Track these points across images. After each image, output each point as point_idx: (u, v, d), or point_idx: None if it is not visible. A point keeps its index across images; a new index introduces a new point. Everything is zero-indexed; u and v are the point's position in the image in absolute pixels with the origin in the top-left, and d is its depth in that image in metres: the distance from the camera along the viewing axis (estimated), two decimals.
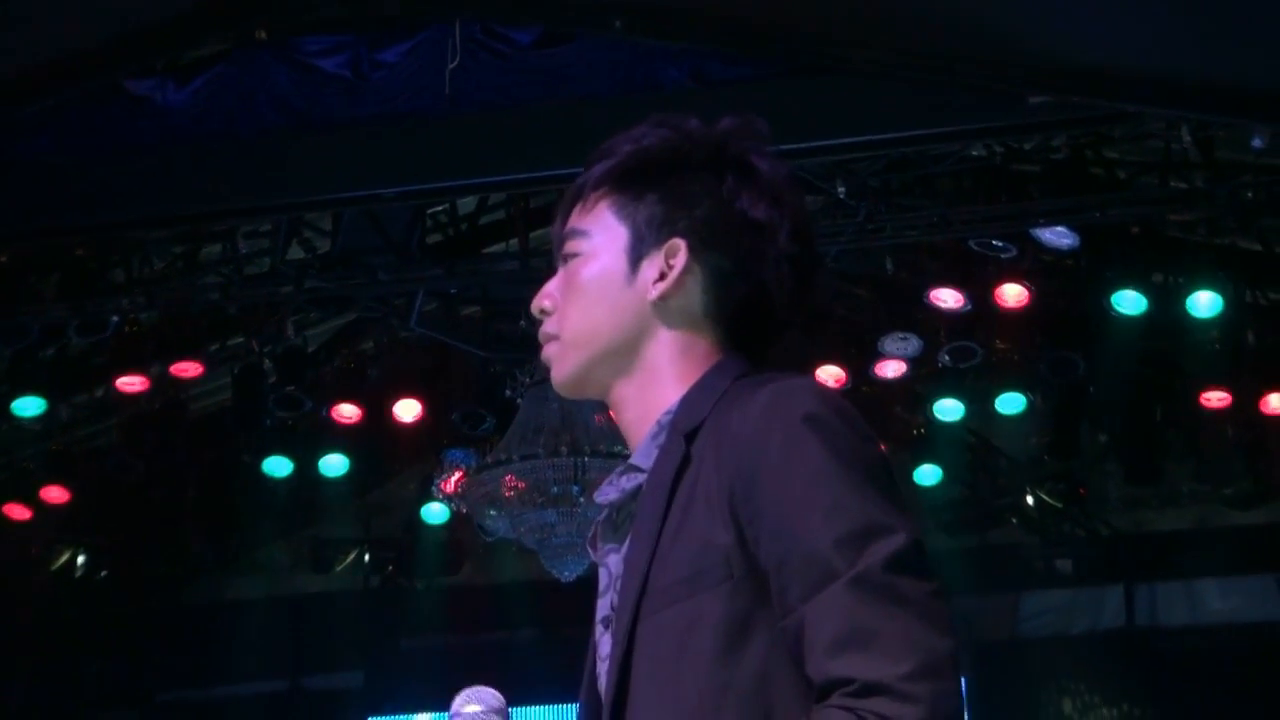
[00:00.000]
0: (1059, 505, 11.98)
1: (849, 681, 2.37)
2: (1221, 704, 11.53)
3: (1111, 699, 12.20)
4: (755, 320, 2.79)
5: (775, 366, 2.77)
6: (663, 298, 2.74)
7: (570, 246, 2.83)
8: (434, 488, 10.44)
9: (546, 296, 2.84)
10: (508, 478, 9.86)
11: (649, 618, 2.56)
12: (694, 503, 2.57)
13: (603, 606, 2.74)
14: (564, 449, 9.76)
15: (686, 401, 2.70)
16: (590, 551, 2.82)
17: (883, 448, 2.60)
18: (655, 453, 2.69)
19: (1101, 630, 12.31)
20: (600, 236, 2.79)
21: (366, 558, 12.82)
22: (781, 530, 2.47)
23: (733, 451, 2.54)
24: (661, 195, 2.77)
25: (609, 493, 2.77)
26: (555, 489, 9.74)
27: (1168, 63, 7.53)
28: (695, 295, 2.75)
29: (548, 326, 2.83)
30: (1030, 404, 10.85)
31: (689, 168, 2.79)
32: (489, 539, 10.69)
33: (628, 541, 2.68)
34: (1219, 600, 12.19)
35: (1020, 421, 11.16)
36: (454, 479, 10.16)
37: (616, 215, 2.79)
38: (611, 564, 2.74)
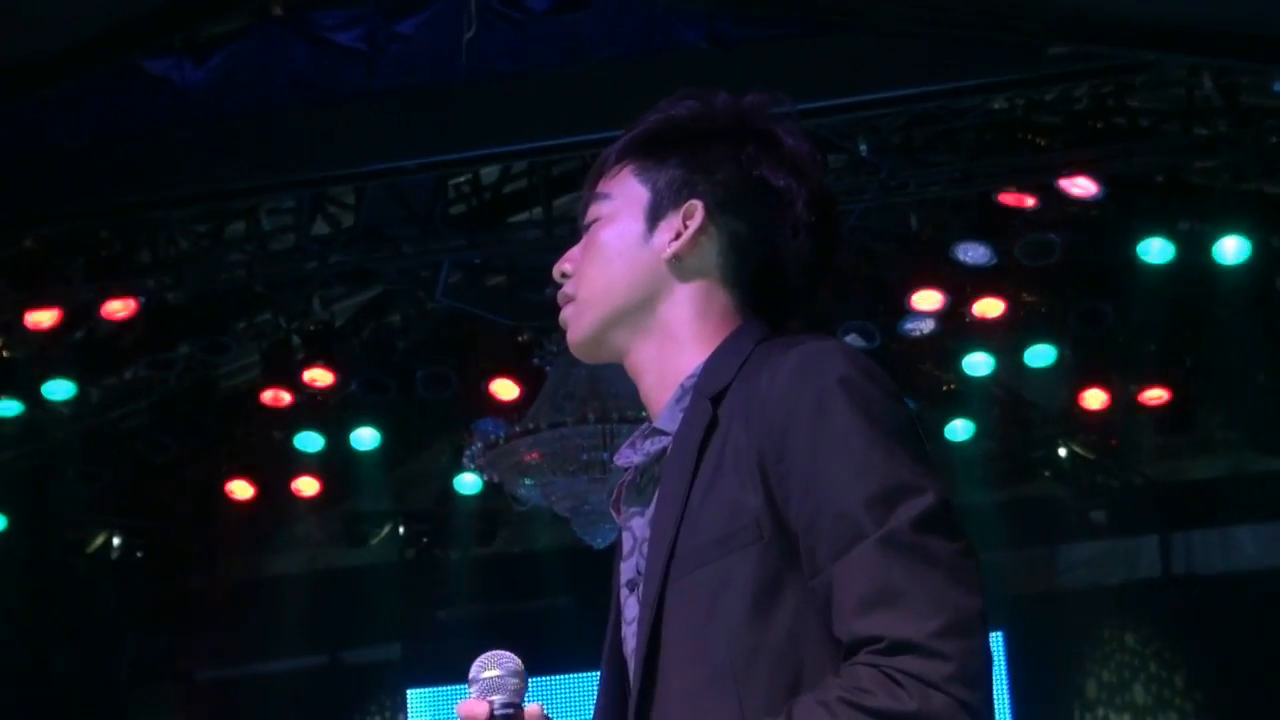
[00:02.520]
0: (1092, 457, 11.96)
1: (877, 639, 2.38)
2: (1261, 650, 11.51)
3: (1150, 649, 12.20)
4: (772, 287, 2.81)
5: (795, 330, 2.78)
6: (677, 256, 2.77)
7: (593, 211, 2.86)
8: (465, 458, 10.44)
9: (568, 260, 2.88)
10: (537, 447, 9.87)
11: (678, 580, 2.57)
12: (722, 465, 2.58)
13: (627, 570, 2.75)
14: (592, 416, 9.76)
15: (710, 365, 2.71)
16: (613, 514, 2.83)
17: (910, 406, 2.61)
18: (680, 416, 2.70)
19: (1138, 580, 12.31)
20: (621, 199, 2.83)
21: (401, 530, 12.84)
22: (811, 491, 2.48)
23: (762, 414, 2.55)
24: (682, 160, 2.80)
25: (631, 456, 2.78)
26: (585, 456, 9.75)
27: (1186, 9, 7.49)
28: (711, 257, 2.77)
29: (567, 289, 2.86)
30: (1060, 356, 10.83)
31: (712, 136, 2.81)
32: (521, 508, 10.71)
33: (653, 504, 2.69)
34: (1255, 546, 12.16)
35: (1050, 374, 11.13)
36: (481, 450, 10.16)
37: (638, 179, 2.83)
38: (636, 527, 2.75)
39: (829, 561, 2.45)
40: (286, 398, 10.94)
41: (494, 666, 2.71)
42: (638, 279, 2.78)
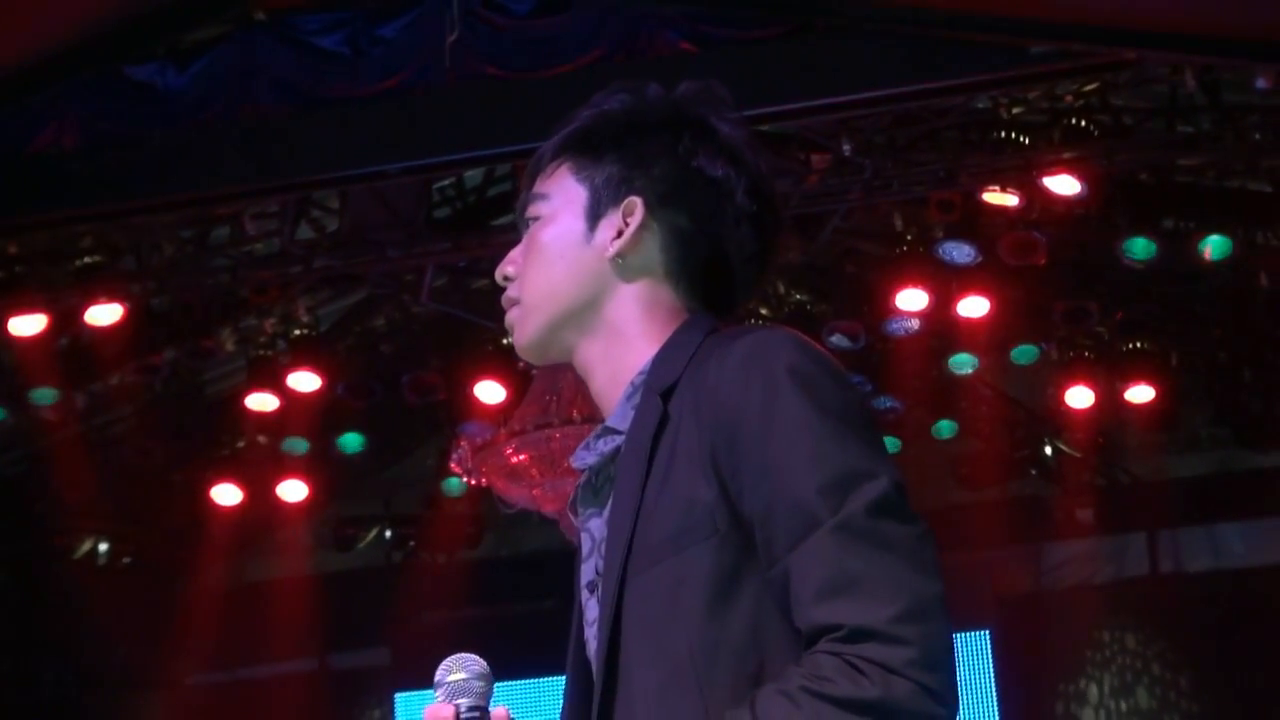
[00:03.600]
0: (1078, 455, 11.96)
1: (837, 628, 2.38)
2: (1248, 649, 11.53)
3: (1137, 647, 12.20)
4: (717, 278, 2.80)
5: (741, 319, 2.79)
6: (620, 255, 2.76)
7: (531, 211, 2.86)
8: (451, 461, 10.44)
9: (510, 263, 2.87)
10: (523, 449, 9.88)
11: (636, 577, 2.57)
12: (675, 460, 2.57)
13: (587, 571, 2.76)
14: (579, 417, 9.76)
15: (659, 360, 2.71)
16: (571, 517, 2.84)
17: (860, 389, 2.61)
18: (631, 414, 2.70)
19: (1125, 578, 12.31)
20: (559, 199, 2.82)
21: (388, 534, 12.83)
22: (764, 482, 2.48)
23: (712, 406, 2.54)
24: (619, 156, 2.79)
25: (586, 457, 2.78)
26: (571, 458, 9.73)
27: (1167, 7, 7.51)
28: (654, 253, 2.77)
29: (510, 291, 2.85)
30: (1045, 354, 10.84)
31: (647, 129, 2.81)
32: (508, 511, 10.70)
33: (609, 504, 2.69)
34: (1242, 544, 12.18)
35: (1035, 372, 11.15)
36: (468, 454, 10.16)
37: (575, 177, 2.82)
38: (594, 528, 2.75)
39: (785, 551, 2.44)
40: (272, 402, 10.93)
41: (459, 669, 2.72)
42: (581, 280, 2.77)
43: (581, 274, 2.77)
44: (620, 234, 2.76)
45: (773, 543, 2.46)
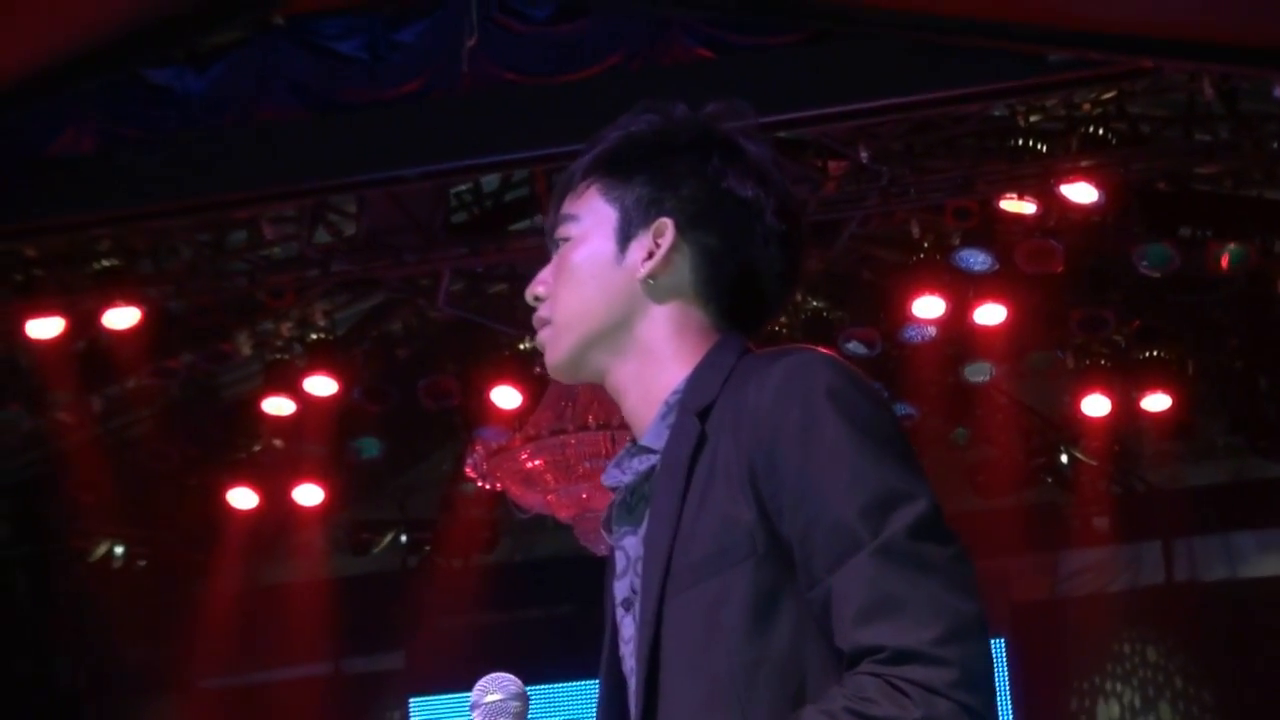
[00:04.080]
0: (1094, 463, 11.95)
1: (879, 649, 2.40)
2: (1264, 659, 11.51)
3: (1152, 656, 12.18)
4: (746, 297, 2.81)
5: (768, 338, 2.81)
6: (652, 276, 2.77)
7: (561, 232, 2.87)
8: (467, 466, 10.45)
9: (540, 283, 2.88)
10: (539, 454, 9.88)
11: (675, 597, 2.58)
12: (713, 480, 2.59)
13: (621, 589, 2.76)
14: (594, 423, 9.76)
15: (694, 380, 2.73)
16: (604, 535, 2.84)
17: (899, 412, 2.63)
18: (666, 433, 2.71)
19: (1141, 587, 12.29)
20: (589, 220, 2.83)
21: (403, 539, 12.84)
22: (804, 503, 2.50)
23: (751, 427, 2.56)
24: (649, 177, 2.81)
25: (620, 475, 2.79)
26: (587, 463, 9.75)
27: (1185, 16, 7.49)
28: (685, 273, 2.78)
29: (541, 312, 2.86)
30: (1060, 361, 10.83)
31: (676, 150, 2.82)
32: (523, 516, 10.71)
33: (645, 522, 2.70)
34: (1258, 553, 12.15)
35: (1051, 380, 11.14)
36: (483, 458, 10.17)
37: (605, 198, 2.83)
38: (629, 546, 2.76)
39: (826, 573, 2.47)
40: (289, 406, 10.95)
41: (495, 690, 2.72)
42: (613, 300, 2.79)
43: (613, 295, 2.78)
44: (651, 255, 2.77)
45: (812, 564, 2.49)
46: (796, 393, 2.55)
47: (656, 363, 2.77)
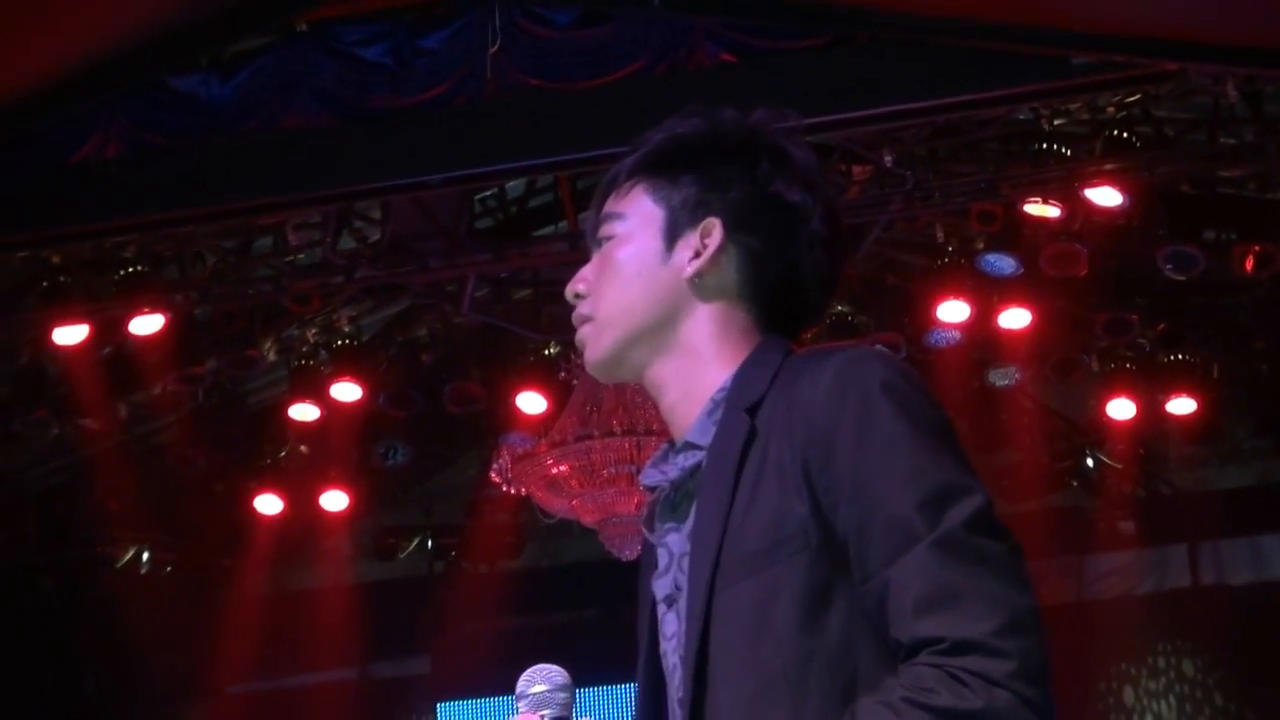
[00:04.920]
0: (1119, 466, 11.94)
1: (939, 640, 2.41)
2: None
3: (1179, 659, 12.16)
4: (789, 300, 2.82)
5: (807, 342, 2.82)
6: (698, 275, 2.78)
7: (606, 230, 2.87)
8: (493, 472, 10.46)
9: (581, 280, 2.88)
10: (564, 460, 9.89)
11: (724, 591, 2.58)
12: (764, 475, 2.60)
13: (663, 586, 2.75)
14: (619, 428, 9.77)
15: (741, 378, 2.73)
16: (646, 532, 2.83)
17: (944, 408, 2.64)
18: (712, 429, 2.71)
19: (1167, 590, 12.28)
20: (636, 219, 2.84)
21: (429, 544, 12.87)
22: (860, 496, 2.51)
23: (805, 422, 2.57)
24: (696, 178, 2.81)
25: (660, 475, 2.79)
26: (612, 468, 9.76)
27: (1209, 19, 7.48)
28: (730, 274, 2.79)
29: (582, 309, 2.86)
30: (1085, 365, 10.82)
31: (723, 153, 2.82)
32: (549, 521, 10.72)
33: (691, 518, 2.70)
34: None
35: (1077, 384, 11.13)
36: (508, 464, 10.18)
37: (652, 198, 2.84)
38: (672, 543, 2.75)
39: (882, 566, 2.47)
40: (314, 412, 10.97)
41: (541, 681, 2.71)
42: (658, 298, 2.79)
43: (658, 293, 2.79)
44: (698, 254, 2.78)
45: (868, 557, 2.50)
46: (851, 388, 2.56)
47: (699, 361, 2.78)
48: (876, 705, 2.42)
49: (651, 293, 2.80)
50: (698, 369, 2.77)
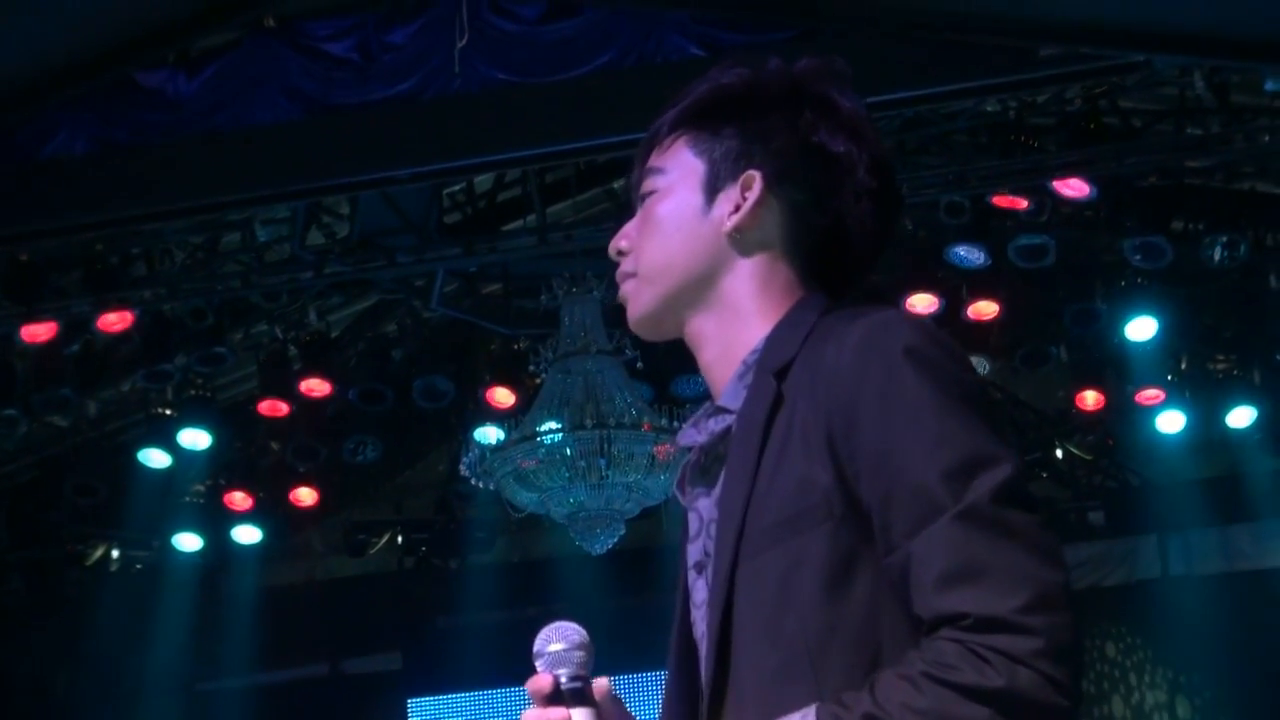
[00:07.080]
0: (1089, 457, 11.96)
1: (962, 616, 2.33)
2: (1263, 651, 11.51)
3: (1149, 649, 12.19)
4: (834, 255, 2.75)
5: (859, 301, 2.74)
6: (738, 229, 2.70)
7: (647, 185, 2.79)
8: (462, 467, 10.45)
9: (624, 237, 2.81)
10: (534, 454, 9.89)
11: (749, 560, 2.52)
12: (790, 442, 2.53)
13: (694, 551, 2.70)
14: (589, 422, 9.77)
15: (773, 339, 2.66)
16: (678, 495, 2.78)
17: (976, 373, 2.56)
18: (743, 393, 2.65)
19: (1136, 581, 12.30)
20: (676, 172, 2.76)
21: (400, 539, 12.84)
22: (884, 465, 2.43)
23: (829, 388, 2.49)
24: (738, 130, 2.73)
25: (695, 435, 2.73)
26: (581, 462, 9.76)
27: (1175, 9, 7.50)
28: (772, 228, 2.71)
29: (624, 266, 2.80)
30: (1055, 356, 10.83)
31: (766, 103, 2.74)
32: (519, 515, 10.71)
33: (720, 484, 2.64)
34: (1253, 546, 12.14)
35: (1045, 375, 11.14)
36: (478, 458, 10.17)
37: (693, 151, 2.76)
38: (702, 508, 2.70)
39: (906, 538, 2.40)
40: (283, 408, 10.95)
41: (558, 639, 2.67)
42: (699, 253, 2.72)
43: (699, 247, 2.72)
44: (738, 208, 2.70)
45: (892, 528, 2.42)
46: (876, 352, 2.48)
47: (739, 318, 2.71)
48: (896, 678, 2.35)
49: (692, 248, 2.72)
50: (738, 325, 2.70)
